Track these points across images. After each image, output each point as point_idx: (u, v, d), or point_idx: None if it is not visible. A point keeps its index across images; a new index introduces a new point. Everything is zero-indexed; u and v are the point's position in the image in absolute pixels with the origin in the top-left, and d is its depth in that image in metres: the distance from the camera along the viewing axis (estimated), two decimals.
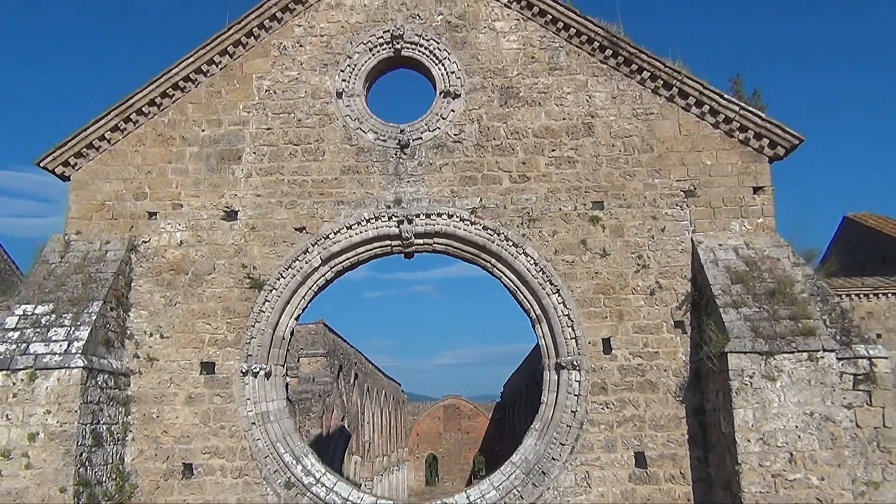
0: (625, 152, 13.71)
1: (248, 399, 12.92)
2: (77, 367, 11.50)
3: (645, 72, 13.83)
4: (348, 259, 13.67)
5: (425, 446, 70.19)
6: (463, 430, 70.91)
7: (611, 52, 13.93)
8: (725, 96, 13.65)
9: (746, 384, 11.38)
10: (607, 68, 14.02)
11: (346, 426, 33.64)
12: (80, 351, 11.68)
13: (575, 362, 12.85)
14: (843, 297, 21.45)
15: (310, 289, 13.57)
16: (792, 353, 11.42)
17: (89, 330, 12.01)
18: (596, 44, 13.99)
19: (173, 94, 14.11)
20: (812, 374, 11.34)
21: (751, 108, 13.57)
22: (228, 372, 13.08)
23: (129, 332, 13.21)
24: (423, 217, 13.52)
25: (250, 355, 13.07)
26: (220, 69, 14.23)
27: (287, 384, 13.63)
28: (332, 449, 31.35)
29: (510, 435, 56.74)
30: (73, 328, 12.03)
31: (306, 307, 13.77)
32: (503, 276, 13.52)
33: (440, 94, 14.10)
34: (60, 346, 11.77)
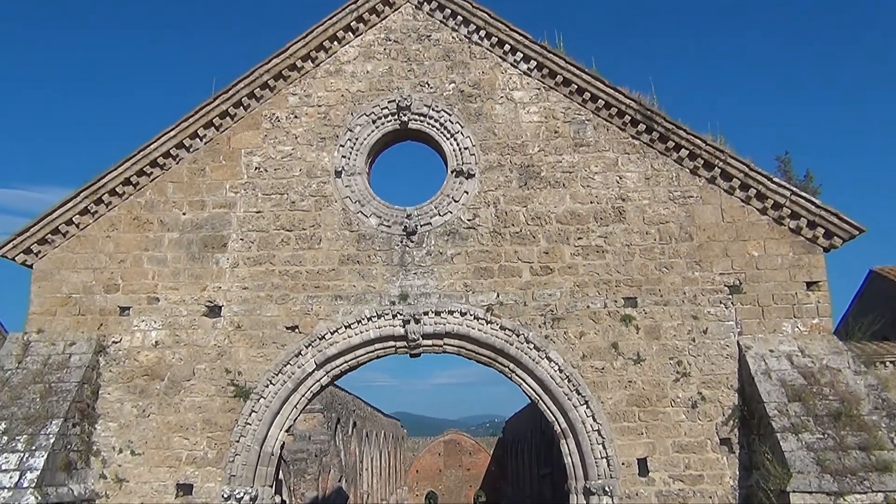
0: (660, 241, 12.11)
1: None
2: None
3: (683, 149, 12.27)
4: (346, 363, 12.03)
5: (425, 483, 68.19)
6: (464, 466, 68.98)
7: (644, 126, 12.38)
8: (774, 179, 12.09)
9: None
10: (640, 145, 12.46)
11: (344, 487, 31.83)
12: (33, 484, 10.02)
13: (606, 487, 11.18)
14: (881, 364, 19.79)
15: (303, 396, 11.92)
16: (865, 493, 9.77)
17: (45, 456, 10.35)
18: (627, 117, 12.44)
19: (151, 173, 12.53)
20: None
21: (803, 194, 12.00)
22: (208, 496, 11.38)
23: (95, 447, 11.53)
24: (433, 315, 11.89)
25: (234, 476, 11.38)
26: (205, 143, 12.66)
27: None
28: None
29: (513, 476, 54.89)
30: (26, 454, 10.36)
31: (298, 416, 12.11)
32: (523, 384, 11.87)
33: (452, 172, 12.52)
34: (11, 477, 10.11)
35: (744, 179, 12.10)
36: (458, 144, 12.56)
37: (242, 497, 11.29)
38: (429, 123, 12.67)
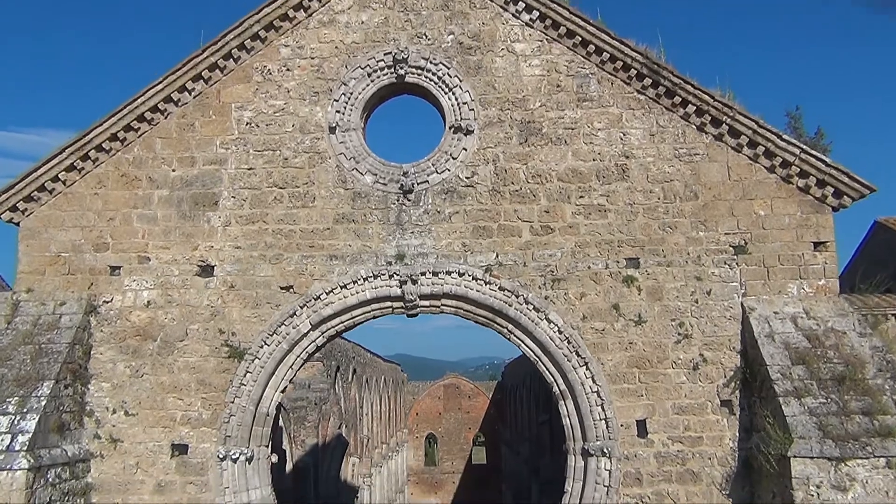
0: (664, 200, 11.77)
1: (227, 488, 11.18)
2: (21, 469, 9.73)
3: (690, 105, 11.82)
4: (342, 323, 11.82)
5: (425, 426, 69.10)
6: (463, 409, 69.77)
7: (650, 81, 11.90)
8: (784, 137, 11.67)
9: (812, 495, 9.63)
10: (645, 100, 12.00)
11: (343, 433, 32.12)
12: (25, 447, 9.92)
13: (605, 449, 11.09)
14: (882, 317, 19.58)
15: (298, 357, 11.74)
16: (867, 458, 9.66)
17: (37, 418, 10.23)
18: (633, 71, 11.95)
19: (139, 128, 12.10)
20: (891, 485, 9.59)
21: (813, 152, 11.62)
22: (204, 456, 11.31)
23: (88, 408, 11.42)
24: (430, 276, 11.63)
25: (229, 436, 11.29)
26: (194, 97, 12.20)
27: (272, 463, 11.92)
28: (328, 458, 29.91)
29: (512, 420, 55.50)
30: (17, 417, 10.24)
31: (294, 377, 11.97)
32: (522, 345, 11.68)
33: (450, 128, 12.10)
34: (2, 440, 10.01)
35: (752, 137, 11.69)
36: (456, 99, 12.10)
37: (238, 457, 11.22)
38: (426, 77, 12.19)
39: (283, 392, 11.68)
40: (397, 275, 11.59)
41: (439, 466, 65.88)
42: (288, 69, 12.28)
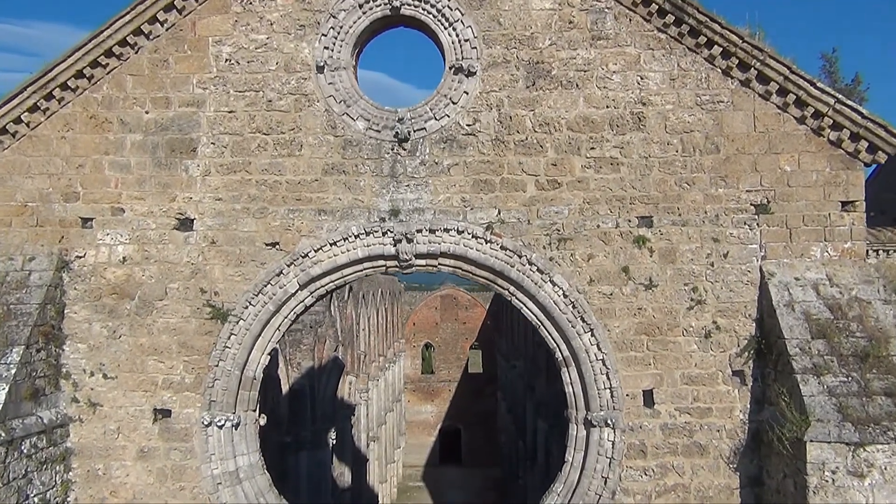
0: (683, 153, 10.79)
1: (213, 455, 10.69)
2: None
3: (716, 46, 10.67)
4: (332, 282, 11.05)
5: (422, 335, 69.66)
6: (460, 320, 70.19)
7: (672, 18, 10.70)
8: (818, 84, 10.59)
9: (827, 481, 9.13)
10: (666, 39, 10.84)
11: (340, 355, 31.98)
12: None
13: (609, 419, 10.55)
14: (894, 252, 18.84)
15: (286, 318, 11.03)
16: (888, 443, 9.10)
17: (7, 388, 9.61)
18: (654, 6, 10.73)
19: (107, 64, 10.95)
20: None
21: (849, 102, 10.57)
22: (188, 422, 10.77)
23: (64, 370, 10.79)
24: (427, 233, 10.79)
25: (214, 401, 10.72)
26: (167, 30, 10.99)
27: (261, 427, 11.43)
28: (325, 381, 29.83)
29: (507, 331, 55.76)
30: None
31: (281, 338, 11.31)
32: (524, 308, 10.96)
33: (450, 69, 10.96)
34: None
35: (783, 83, 10.60)
36: (457, 36, 10.92)
37: (224, 423, 10.68)
38: (424, 9, 10.95)
39: (270, 355, 11.02)
40: (391, 232, 10.74)
41: (436, 375, 66.75)
42: None
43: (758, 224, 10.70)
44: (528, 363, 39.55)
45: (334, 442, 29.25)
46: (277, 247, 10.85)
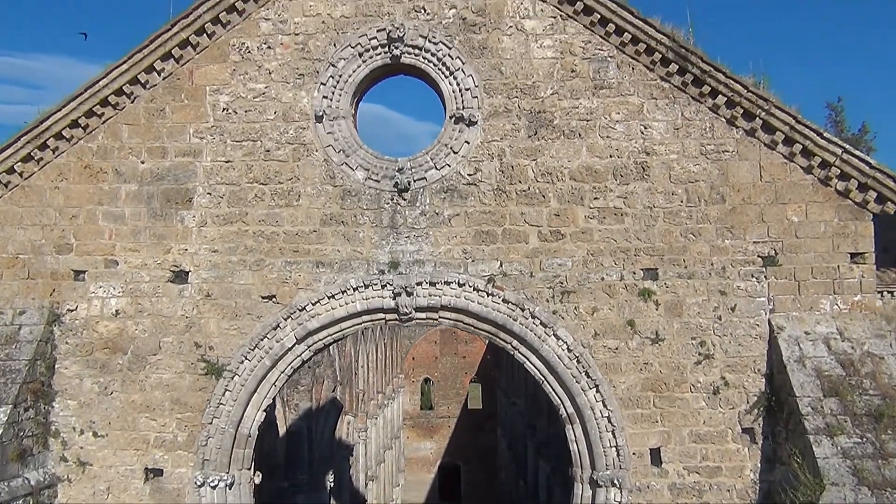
0: (688, 203, 10.59)
1: None
2: None
3: (720, 96, 10.53)
4: (330, 335, 10.79)
5: (421, 370, 69.04)
6: (459, 354, 69.60)
7: (676, 67, 10.57)
8: (825, 134, 10.44)
9: None
10: (670, 88, 10.70)
11: (338, 396, 31.54)
12: None
13: (616, 479, 10.21)
14: None
15: (282, 373, 10.74)
16: None
17: None
18: (657, 55, 10.61)
19: (102, 113, 10.80)
20: None
21: (856, 153, 10.42)
22: (180, 482, 10.42)
23: (53, 428, 10.48)
24: (427, 286, 10.54)
25: (207, 460, 10.38)
26: (164, 79, 10.86)
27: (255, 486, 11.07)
28: (322, 422, 29.36)
29: (507, 367, 55.24)
30: None
31: (277, 394, 11.00)
32: (527, 362, 10.68)
33: (451, 118, 10.81)
34: None
35: (789, 133, 10.44)
36: (458, 84, 10.78)
37: (217, 484, 10.33)
38: (425, 58, 10.83)
39: (265, 411, 10.71)
40: (391, 285, 10.49)
41: (435, 411, 66.02)
42: (269, 47, 10.91)
43: (765, 276, 10.46)
44: (529, 402, 39.05)
45: (332, 485, 28.70)
46: (274, 300, 10.60)
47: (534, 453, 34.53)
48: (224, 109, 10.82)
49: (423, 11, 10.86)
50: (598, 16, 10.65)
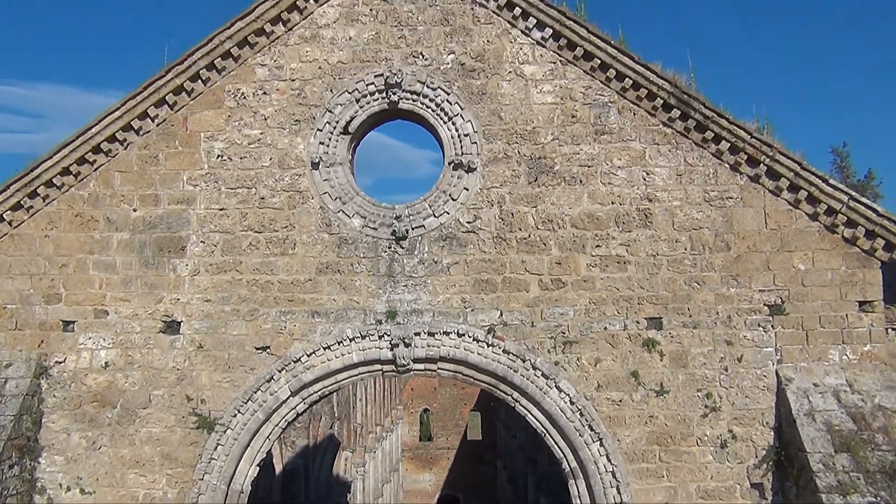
0: (692, 251, 10.37)
1: None
2: None
3: (723, 142, 10.36)
4: (326, 387, 10.50)
5: (420, 401, 68.38)
6: (458, 384, 69.00)
7: (678, 112, 10.42)
8: (830, 181, 10.25)
9: None
10: (672, 134, 10.53)
11: (336, 433, 31.10)
12: None
13: None
14: None
15: (276, 426, 10.43)
16: None
17: None
18: (659, 101, 10.45)
19: (94, 160, 10.61)
20: None
21: (863, 200, 10.24)
22: None
23: (39, 484, 10.13)
24: (425, 336, 10.27)
25: None
26: (157, 125, 10.69)
27: None
28: (319, 460, 28.91)
29: None
30: None
31: (271, 448, 10.68)
32: (528, 415, 10.40)
33: (449, 164, 10.62)
34: None
35: (793, 180, 10.25)
36: (457, 130, 10.61)
37: None
38: (423, 104, 10.67)
39: (259, 466, 10.37)
40: (388, 335, 10.23)
41: (434, 442, 65.28)
42: (265, 93, 10.75)
43: (772, 326, 10.21)
44: (529, 436, 38.56)
45: None
46: (268, 351, 10.32)
47: (534, 489, 33.98)
48: (219, 156, 10.63)
49: (421, 57, 10.72)
50: (599, 61, 10.51)
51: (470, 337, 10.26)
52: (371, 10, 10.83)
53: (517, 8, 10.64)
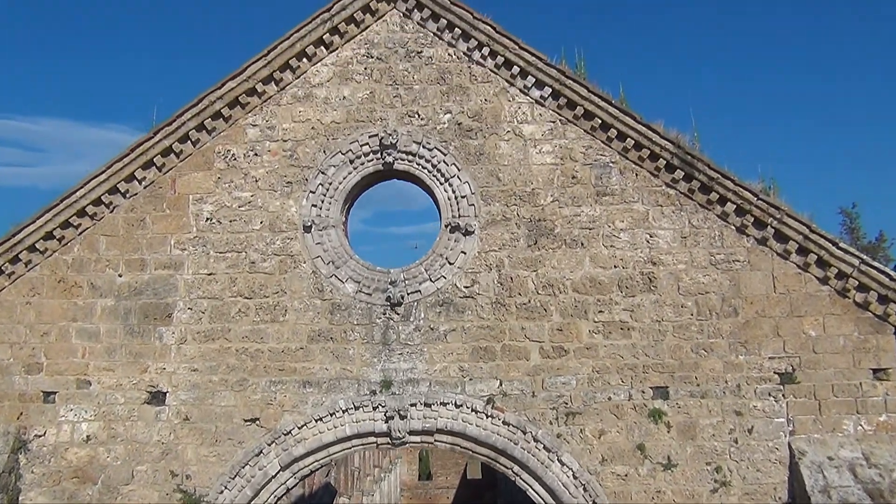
0: (698, 316, 9.98)
1: None
2: None
3: (729, 203, 10.04)
4: (317, 461, 10.04)
5: None
6: None
7: (682, 173, 10.11)
8: (841, 244, 9.90)
9: None
10: (676, 195, 10.21)
11: (332, 481, 30.39)
12: None
13: None
14: None
15: (265, 502, 9.93)
16: None
17: None
18: (662, 161, 10.15)
19: (79, 224, 10.28)
20: None
21: (875, 264, 9.87)
22: None
23: None
24: (422, 407, 9.84)
25: None
26: (145, 187, 10.38)
27: None
28: None
29: None
30: None
31: None
32: (529, 490, 9.91)
33: (446, 227, 10.28)
34: None
35: (802, 243, 9.91)
36: (453, 192, 10.29)
37: None
38: (419, 164, 10.37)
39: None
40: (383, 406, 9.80)
41: (434, 481, 64.19)
42: (256, 154, 10.45)
43: (783, 395, 9.79)
44: None
45: None
46: (257, 423, 9.88)
47: None
48: (208, 219, 10.29)
49: (416, 116, 10.45)
50: (599, 121, 10.24)
51: (468, 408, 9.83)
52: (366, 68, 10.58)
53: (515, 66, 10.39)
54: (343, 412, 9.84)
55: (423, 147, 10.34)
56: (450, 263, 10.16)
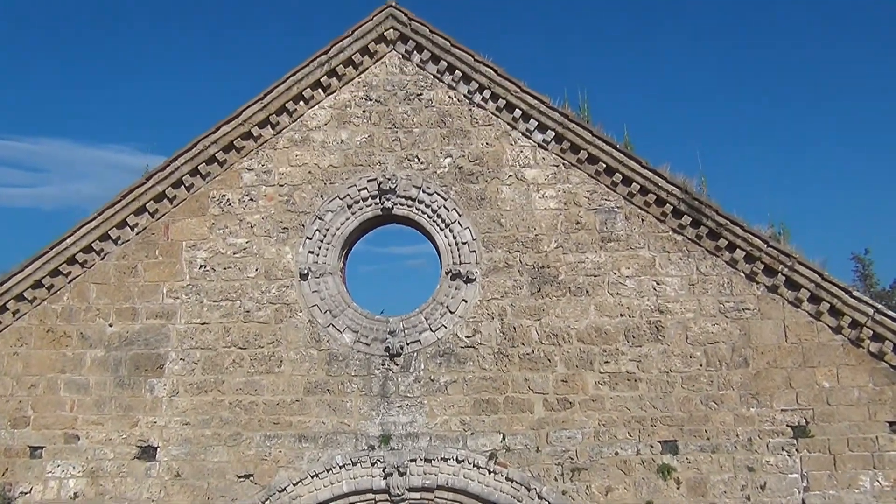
0: (708, 367, 9.66)
1: None
2: None
3: (738, 250, 9.75)
4: None
5: None
6: None
7: (689, 219, 9.83)
8: (854, 293, 9.61)
9: None
10: (683, 241, 9.92)
11: None
12: None
13: None
14: None
15: None
16: None
17: None
18: (668, 206, 9.89)
19: (69, 272, 9.99)
20: None
21: (890, 313, 9.54)
22: None
23: None
24: (422, 463, 9.49)
25: None
26: (137, 234, 10.11)
27: None
28: None
29: None
30: None
31: None
32: None
33: (447, 274, 9.99)
34: None
35: (814, 291, 9.61)
36: (454, 238, 10.01)
37: None
38: (418, 209, 10.11)
39: None
40: (381, 462, 9.45)
41: None
42: (251, 199, 10.19)
43: (797, 449, 9.44)
44: None
45: None
46: (251, 479, 9.52)
47: None
48: (201, 266, 10.01)
49: (416, 160, 10.20)
50: (604, 165, 9.99)
51: (470, 463, 9.47)
52: (364, 111, 10.35)
53: (517, 109, 10.16)
54: (340, 468, 9.48)
55: (423, 192, 10.08)
56: (450, 312, 9.86)
